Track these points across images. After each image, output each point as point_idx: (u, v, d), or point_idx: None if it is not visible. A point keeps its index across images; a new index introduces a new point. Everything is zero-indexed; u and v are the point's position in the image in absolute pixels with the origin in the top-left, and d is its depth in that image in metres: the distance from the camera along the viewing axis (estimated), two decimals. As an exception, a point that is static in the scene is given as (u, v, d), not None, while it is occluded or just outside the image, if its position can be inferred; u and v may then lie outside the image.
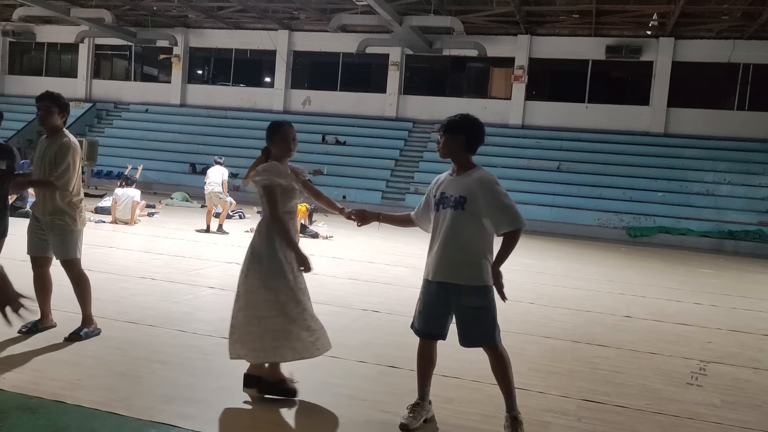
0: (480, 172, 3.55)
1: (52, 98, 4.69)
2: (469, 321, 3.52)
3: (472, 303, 3.49)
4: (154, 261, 8.95)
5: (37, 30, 27.23)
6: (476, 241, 3.49)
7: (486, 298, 3.51)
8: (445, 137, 3.59)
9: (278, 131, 3.87)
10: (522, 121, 22.34)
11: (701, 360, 5.47)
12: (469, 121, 3.59)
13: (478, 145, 3.61)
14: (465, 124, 3.57)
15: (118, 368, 4.18)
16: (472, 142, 3.57)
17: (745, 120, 20.72)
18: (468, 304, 3.50)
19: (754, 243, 16.91)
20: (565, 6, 19.93)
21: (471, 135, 3.57)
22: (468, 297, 3.48)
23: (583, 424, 3.86)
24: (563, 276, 9.91)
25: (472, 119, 3.61)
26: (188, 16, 25.00)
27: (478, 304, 3.50)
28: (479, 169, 3.58)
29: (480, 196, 3.46)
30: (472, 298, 3.48)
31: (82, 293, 4.77)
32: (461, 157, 3.58)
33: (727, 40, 20.59)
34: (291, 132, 3.90)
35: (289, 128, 3.91)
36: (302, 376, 3.95)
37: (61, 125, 4.74)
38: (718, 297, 9.08)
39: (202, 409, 3.67)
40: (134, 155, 22.71)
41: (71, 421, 3.36)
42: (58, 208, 4.66)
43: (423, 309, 3.65)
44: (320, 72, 25.26)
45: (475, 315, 3.51)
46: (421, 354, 3.69)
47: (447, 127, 3.58)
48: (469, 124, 3.58)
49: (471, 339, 3.56)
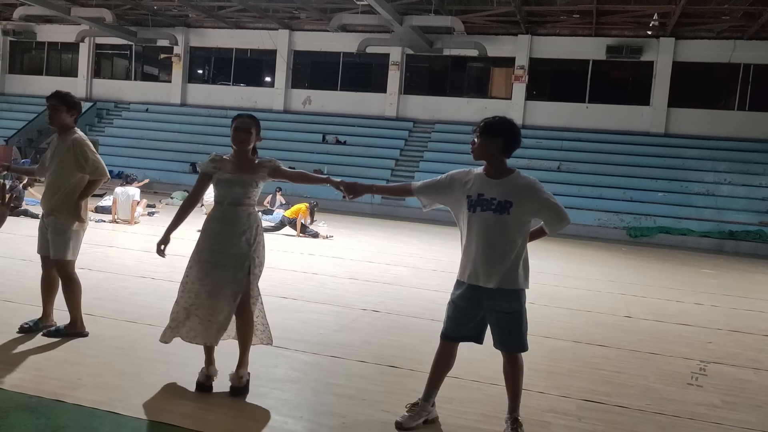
0: (527, 179, 3.52)
1: (59, 97, 4.74)
2: (506, 326, 3.51)
3: (510, 307, 3.49)
4: (153, 260, 8.93)
5: (38, 29, 27.23)
6: (518, 246, 3.48)
7: (521, 301, 3.52)
8: (481, 139, 3.50)
9: (232, 124, 4.00)
10: (522, 121, 22.32)
11: (702, 360, 5.47)
12: (508, 125, 3.52)
13: (515, 148, 3.55)
14: (504, 127, 3.50)
15: (118, 368, 4.18)
16: (510, 145, 3.50)
17: (745, 120, 20.71)
18: (505, 309, 3.49)
19: (754, 243, 16.90)
20: (566, 6, 19.92)
21: (509, 138, 3.49)
22: (506, 301, 3.48)
23: (584, 424, 3.86)
24: (564, 276, 9.91)
25: (510, 122, 3.54)
26: (189, 16, 25.00)
27: (514, 308, 3.50)
28: (520, 173, 3.54)
29: (531, 200, 3.45)
30: (510, 302, 3.48)
31: (70, 296, 4.73)
32: (497, 160, 3.51)
33: (727, 41, 20.58)
34: (235, 123, 3.99)
35: (237, 121, 3.99)
36: (302, 375, 3.94)
37: (70, 123, 4.78)
38: (719, 297, 9.07)
39: (202, 408, 3.67)
40: (135, 155, 22.76)
41: (71, 421, 3.35)
42: (59, 206, 4.67)
43: (455, 312, 3.58)
44: (321, 72, 25.26)
45: (511, 319, 3.51)
46: (441, 355, 3.63)
47: (484, 129, 3.50)
48: (507, 127, 3.51)
49: (507, 344, 3.55)
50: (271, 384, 4.08)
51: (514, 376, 3.58)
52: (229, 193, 3.91)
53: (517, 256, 3.48)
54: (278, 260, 9.37)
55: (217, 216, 3.94)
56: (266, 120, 24.25)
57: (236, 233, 3.89)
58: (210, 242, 3.90)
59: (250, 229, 3.92)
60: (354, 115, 23.88)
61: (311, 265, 9.16)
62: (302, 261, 9.46)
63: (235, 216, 3.91)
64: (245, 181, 3.91)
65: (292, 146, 22.60)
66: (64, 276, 4.74)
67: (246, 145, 3.96)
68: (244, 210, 3.92)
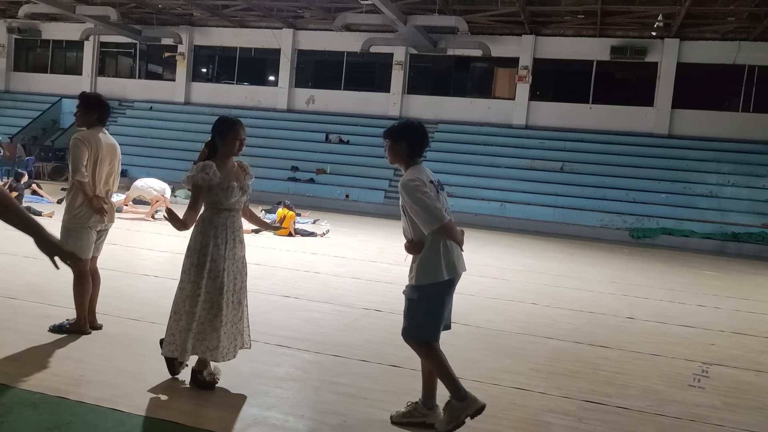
0: (402, 178, 3.61)
1: (79, 98, 4.94)
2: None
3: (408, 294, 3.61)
4: (157, 258, 8.98)
5: (43, 27, 27.29)
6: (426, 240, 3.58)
7: (413, 293, 3.62)
8: (388, 144, 3.68)
9: (232, 129, 3.92)
10: (526, 121, 22.31)
11: (703, 362, 5.47)
12: (410, 127, 3.66)
13: (422, 149, 3.69)
14: (405, 130, 3.65)
15: (121, 365, 4.20)
16: (415, 146, 3.64)
17: (749, 122, 20.65)
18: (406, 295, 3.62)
19: (757, 245, 16.86)
20: (570, 6, 19.89)
21: (413, 140, 3.64)
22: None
23: (584, 424, 3.86)
24: (565, 277, 9.91)
25: (411, 125, 3.68)
26: (193, 14, 25.03)
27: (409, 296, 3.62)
28: (410, 169, 3.63)
29: (404, 199, 3.56)
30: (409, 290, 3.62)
31: (77, 294, 4.75)
32: (406, 162, 3.66)
33: (732, 42, 20.54)
34: (242, 132, 3.98)
35: (241, 128, 3.99)
36: (303, 374, 3.96)
37: (87, 123, 4.86)
38: (721, 299, 9.06)
39: (203, 406, 3.68)
40: (138, 153, 22.78)
41: (74, 417, 3.37)
42: (67, 205, 4.78)
43: (444, 309, 3.59)
44: (324, 71, 25.27)
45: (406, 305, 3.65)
46: (442, 355, 3.57)
47: (388, 134, 3.67)
48: (409, 130, 3.65)
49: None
50: (272, 382, 4.10)
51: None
52: (233, 200, 3.90)
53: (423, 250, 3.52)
54: (280, 259, 9.39)
55: (225, 223, 3.89)
56: (270, 119, 24.33)
57: (242, 238, 4.00)
58: (224, 251, 3.86)
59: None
60: (357, 114, 23.89)
61: (313, 264, 9.17)
62: (304, 260, 9.48)
63: (239, 222, 3.98)
64: (242, 187, 3.97)
65: (295, 145, 22.63)
66: (74, 272, 4.77)
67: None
68: (240, 214, 4.04)
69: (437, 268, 3.48)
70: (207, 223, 3.87)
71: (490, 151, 21.26)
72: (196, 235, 3.88)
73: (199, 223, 3.89)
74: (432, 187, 3.56)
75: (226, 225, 3.88)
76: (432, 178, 3.66)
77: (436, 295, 3.53)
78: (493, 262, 10.85)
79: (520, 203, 18.94)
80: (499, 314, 6.78)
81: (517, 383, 4.50)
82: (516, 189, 19.50)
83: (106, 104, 4.97)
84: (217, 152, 3.92)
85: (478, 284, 8.51)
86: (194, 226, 3.90)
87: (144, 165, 21.88)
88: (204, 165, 3.84)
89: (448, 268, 3.50)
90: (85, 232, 4.74)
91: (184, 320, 3.83)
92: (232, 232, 3.90)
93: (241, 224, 4.03)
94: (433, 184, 3.60)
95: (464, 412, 3.48)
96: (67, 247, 2.29)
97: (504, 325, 6.28)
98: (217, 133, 3.93)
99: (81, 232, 4.73)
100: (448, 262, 3.50)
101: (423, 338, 3.54)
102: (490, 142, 21.69)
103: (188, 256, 3.89)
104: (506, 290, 8.28)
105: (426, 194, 3.44)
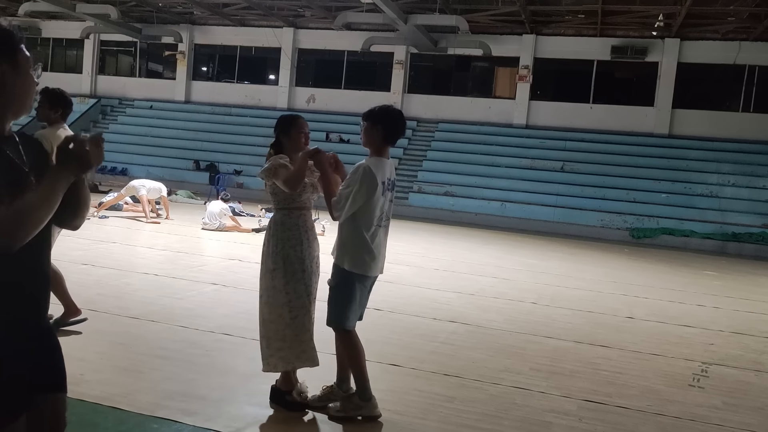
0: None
1: (42, 93, 4.80)
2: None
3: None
4: (156, 257, 8.97)
5: (43, 25, 27.27)
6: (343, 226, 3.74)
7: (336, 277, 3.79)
8: (365, 125, 3.68)
9: (295, 124, 3.83)
10: (526, 120, 22.30)
11: (703, 362, 5.46)
12: (389, 112, 3.67)
13: (397, 137, 3.71)
14: (383, 114, 3.65)
15: (121, 363, 4.20)
16: (391, 133, 3.66)
17: (750, 122, 20.64)
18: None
19: (757, 245, 16.85)
20: (571, 6, 19.87)
21: (390, 126, 3.64)
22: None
23: (585, 424, 3.86)
24: (566, 276, 9.91)
25: (390, 110, 3.69)
26: (193, 13, 25.02)
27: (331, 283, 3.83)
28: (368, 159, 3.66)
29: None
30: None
31: (54, 287, 4.74)
32: (379, 147, 3.67)
33: (733, 42, 20.52)
34: (305, 126, 3.88)
35: (304, 122, 3.89)
36: (303, 373, 3.95)
37: (49, 119, 4.80)
38: (721, 299, 9.06)
39: (204, 405, 3.68)
40: (138, 151, 22.78)
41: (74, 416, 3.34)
42: None
43: (359, 302, 3.75)
44: (325, 70, 25.25)
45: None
46: (359, 345, 3.71)
47: (367, 116, 3.68)
48: (388, 114, 3.66)
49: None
50: (272, 381, 4.09)
51: (341, 351, 3.78)
52: (304, 197, 3.79)
53: (341, 234, 3.67)
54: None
55: (303, 222, 3.77)
56: (270, 118, 24.30)
57: (315, 236, 3.92)
58: (310, 251, 3.78)
59: None
60: (358, 113, 23.42)
61: (314, 263, 9.15)
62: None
63: (310, 221, 3.88)
64: (312, 184, 3.82)
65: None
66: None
67: None
68: (311, 213, 3.95)
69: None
70: (279, 225, 3.73)
71: (491, 151, 21.24)
72: (269, 239, 3.74)
73: (271, 226, 3.77)
74: (382, 187, 3.59)
75: (298, 224, 3.74)
76: (389, 176, 3.68)
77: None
78: (494, 262, 10.85)
79: (520, 203, 18.93)
80: (500, 314, 6.77)
81: (518, 383, 4.50)
82: (516, 188, 19.48)
83: (69, 101, 4.92)
84: (282, 151, 3.78)
85: (479, 284, 8.52)
86: (266, 231, 3.81)
87: (144, 164, 21.88)
88: (279, 156, 3.71)
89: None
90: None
91: (286, 331, 3.68)
92: (305, 231, 3.77)
93: (313, 224, 3.92)
94: (383, 185, 3.61)
95: (361, 411, 3.63)
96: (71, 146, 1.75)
97: (504, 325, 6.28)
98: (280, 130, 3.81)
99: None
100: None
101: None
102: (490, 141, 21.67)
103: (266, 263, 3.72)
104: (506, 290, 8.27)
105: (351, 189, 3.52)
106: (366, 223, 3.59)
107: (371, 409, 3.63)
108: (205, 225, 11.83)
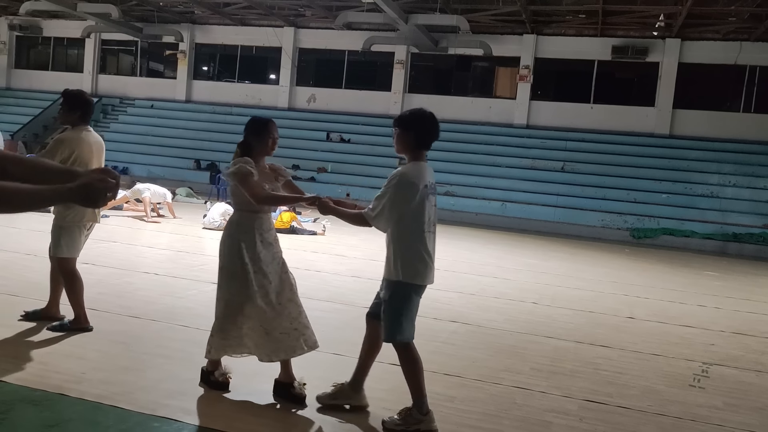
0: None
1: (62, 95, 4.90)
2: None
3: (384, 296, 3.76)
4: (157, 256, 8.98)
5: (44, 24, 27.27)
6: (392, 235, 3.65)
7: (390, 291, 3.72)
8: (396, 132, 3.63)
9: (265, 128, 3.89)
10: (527, 121, 22.29)
11: (704, 362, 5.47)
12: (420, 117, 3.60)
13: (431, 140, 3.64)
14: (415, 119, 3.59)
15: (122, 362, 4.20)
16: (424, 137, 3.60)
17: (751, 122, 20.63)
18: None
19: (758, 246, 16.85)
20: (572, 6, 19.86)
21: (421, 130, 3.59)
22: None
23: (585, 424, 3.86)
24: (566, 276, 9.91)
25: (421, 114, 3.61)
26: (194, 12, 25.02)
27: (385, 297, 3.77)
28: (408, 164, 3.64)
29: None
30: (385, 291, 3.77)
31: (70, 293, 4.74)
32: (413, 152, 3.63)
33: (733, 42, 20.51)
34: (275, 131, 3.93)
35: (274, 127, 3.94)
36: (304, 372, 3.95)
37: (70, 121, 4.85)
38: (722, 299, 9.06)
39: (204, 404, 3.69)
40: (139, 151, 22.79)
41: (75, 414, 3.37)
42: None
43: (415, 313, 3.69)
44: (325, 69, 25.24)
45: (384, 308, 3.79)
46: (418, 359, 3.68)
47: (398, 122, 3.62)
48: (419, 119, 3.59)
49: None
50: (272, 380, 4.09)
51: (401, 366, 3.68)
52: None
53: (390, 247, 3.57)
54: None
55: (259, 225, 3.81)
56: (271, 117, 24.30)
57: (273, 238, 3.94)
58: (270, 252, 3.82)
59: None
60: (358, 113, 23.87)
61: (314, 262, 9.17)
62: (305, 258, 9.47)
63: (267, 224, 3.92)
64: (273, 189, 3.89)
65: (296, 144, 22.59)
66: (63, 273, 4.75)
67: None
68: (269, 216, 4.00)
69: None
70: (235, 226, 3.80)
71: (491, 151, 21.24)
72: (225, 239, 3.81)
73: (228, 225, 3.87)
74: (424, 191, 3.53)
75: (253, 227, 3.78)
76: (429, 180, 3.62)
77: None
78: (494, 262, 10.85)
79: (520, 203, 18.93)
80: (500, 314, 6.78)
81: (518, 383, 4.50)
82: (517, 188, 19.48)
83: (88, 102, 4.93)
84: (250, 152, 3.84)
85: (479, 284, 8.52)
86: (224, 230, 3.90)
87: (145, 163, 21.88)
88: (245, 159, 3.76)
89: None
90: (77, 230, 4.74)
91: (217, 322, 3.81)
92: (260, 234, 3.79)
93: (271, 225, 3.96)
94: (426, 188, 3.56)
95: (419, 426, 3.51)
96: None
97: (505, 325, 6.28)
98: (250, 132, 3.87)
99: (73, 230, 4.72)
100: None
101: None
102: (491, 141, 21.66)
103: (220, 260, 3.81)
104: (507, 290, 8.28)
105: (387, 196, 3.47)
106: (416, 230, 3.52)
107: (429, 423, 3.52)
108: (205, 224, 11.84)
